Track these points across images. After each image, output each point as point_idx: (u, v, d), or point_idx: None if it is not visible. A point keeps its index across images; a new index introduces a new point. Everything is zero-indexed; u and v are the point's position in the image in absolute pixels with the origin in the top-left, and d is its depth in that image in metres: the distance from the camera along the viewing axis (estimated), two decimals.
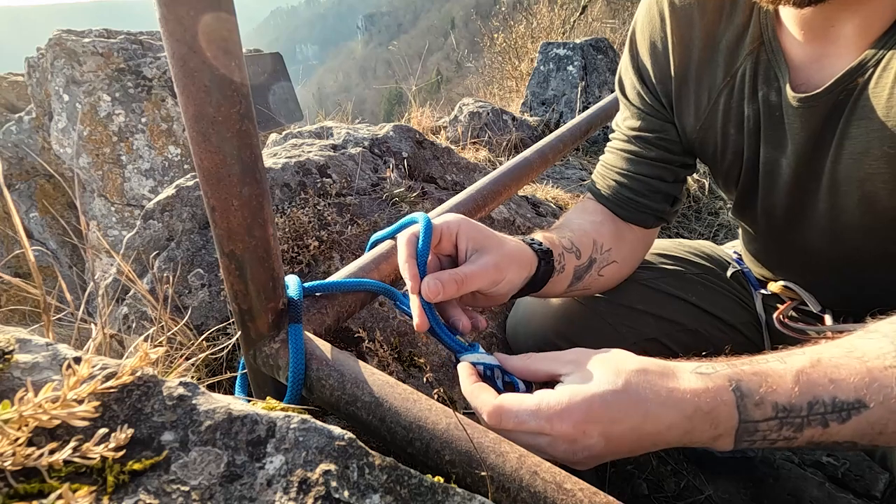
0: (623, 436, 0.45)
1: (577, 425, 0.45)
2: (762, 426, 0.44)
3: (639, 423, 0.45)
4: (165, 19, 0.40)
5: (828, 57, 0.61)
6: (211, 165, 0.47)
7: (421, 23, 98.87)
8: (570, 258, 0.72)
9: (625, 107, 0.83)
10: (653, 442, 0.45)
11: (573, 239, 0.73)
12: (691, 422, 0.44)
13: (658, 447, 0.46)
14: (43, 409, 0.34)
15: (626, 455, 0.47)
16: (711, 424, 0.44)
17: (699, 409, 0.44)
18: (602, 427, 0.45)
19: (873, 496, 1.16)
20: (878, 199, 0.61)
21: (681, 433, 0.45)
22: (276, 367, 0.57)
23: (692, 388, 0.45)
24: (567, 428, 0.45)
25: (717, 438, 0.45)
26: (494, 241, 0.62)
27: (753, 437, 0.45)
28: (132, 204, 2.72)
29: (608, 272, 0.79)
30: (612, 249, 0.78)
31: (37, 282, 0.55)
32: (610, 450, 0.45)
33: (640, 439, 0.45)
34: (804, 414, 0.44)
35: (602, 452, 0.45)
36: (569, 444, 0.45)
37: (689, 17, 0.70)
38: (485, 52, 7.32)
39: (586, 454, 0.45)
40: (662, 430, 0.45)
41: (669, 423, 0.44)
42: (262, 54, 3.54)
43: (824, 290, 0.80)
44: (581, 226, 0.78)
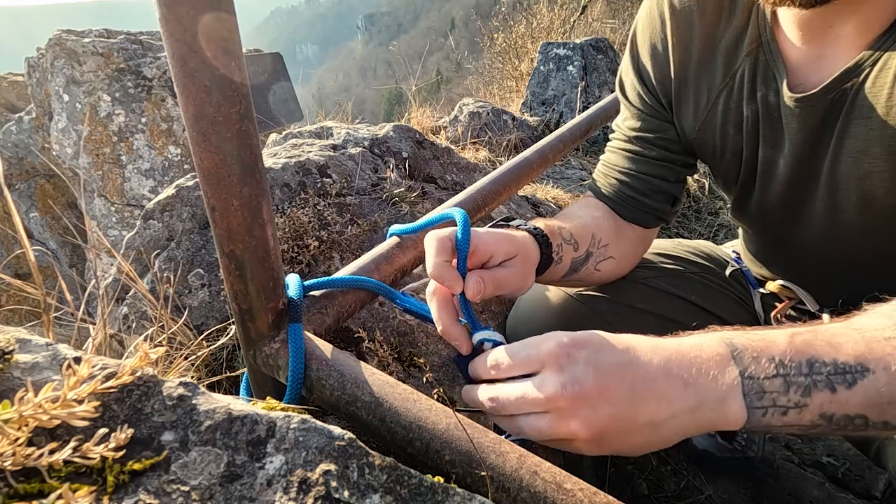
0: (610, 369, 0.43)
1: (562, 345, 0.44)
2: (767, 385, 0.42)
3: (626, 361, 0.43)
4: (165, 19, 0.40)
5: (825, 57, 0.61)
6: (211, 165, 0.47)
7: (421, 23, 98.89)
8: (569, 249, 0.72)
9: (625, 107, 0.84)
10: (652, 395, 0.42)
11: (572, 230, 0.74)
12: (688, 371, 0.43)
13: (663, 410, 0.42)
14: (43, 409, 0.34)
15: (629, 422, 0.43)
16: (712, 377, 0.42)
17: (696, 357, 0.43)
18: (586, 351, 0.44)
19: (873, 496, 1.16)
20: (876, 197, 0.61)
21: (680, 385, 0.42)
22: (276, 367, 0.57)
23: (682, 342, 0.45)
24: (552, 349, 0.44)
25: (724, 398, 0.42)
26: (522, 251, 0.63)
27: (763, 402, 0.42)
28: (132, 204, 2.72)
29: (604, 267, 0.79)
30: (610, 245, 0.79)
31: (37, 282, 0.55)
32: (600, 389, 0.42)
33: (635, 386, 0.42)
34: (805, 372, 0.42)
35: (591, 392, 0.42)
36: (558, 374, 0.43)
37: (688, 19, 0.71)
38: (485, 53, 7.32)
39: (576, 388, 0.42)
40: (658, 376, 0.43)
41: (664, 369, 0.43)
42: (262, 54, 3.55)
43: (822, 289, 0.80)
44: (581, 218, 0.78)
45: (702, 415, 0.43)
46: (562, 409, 0.43)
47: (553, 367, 0.44)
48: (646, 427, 0.43)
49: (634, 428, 0.43)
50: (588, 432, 0.43)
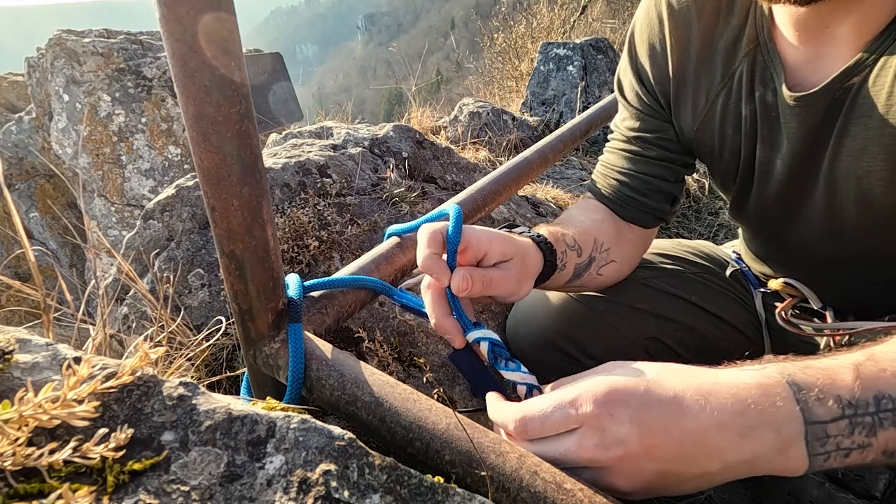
0: (656, 428, 0.39)
1: (602, 405, 0.40)
2: (831, 429, 0.38)
3: (674, 415, 0.39)
4: (165, 19, 0.40)
5: (823, 57, 0.61)
6: (211, 165, 0.47)
7: (421, 23, 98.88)
8: (572, 255, 0.72)
9: (624, 108, 0.84)
10: (703, 451, 0.38)
11: (575, 236, 0.73)
12: (745, 420, 0.38)
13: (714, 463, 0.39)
14: (43, 409, 0.34)
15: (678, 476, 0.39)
16: (772, 426, 0.38)
17: (752, 404, 0.39)
18: (629, 412, 0.39)
19: (873, 496, 1.16)
20: (874, 196, 0.61)
21: (736, 438, 0.38)
22: (276, 367, 0.57)
23: (740, 381, 0.40)
24: (593, 410, 0.40)
25: (784, 451, 0.39)
26: (520, 254, 0.61)
27: (826, 448, 0.39)
28: (132, 204, 2.72)
29: (606, 271, 0.79)
30: (612, 249, 0.78)
31: (37, 282, 0.55)
32: (646, 449, 0.39)
33: (685, 443, 0.39)
34: (872, 411, 0.39)
35: (637, 452, 0.39)
36: (598, 435, 0.40)
37: (686, 20, 0.71)
38: (485, 53, 7.32)
39: (620, 451, 0.39)
40: (710, 430, 0.38)
41: (717, 421, 0.38)
42: (262, 54, 3.55)
43: (824, 287, 0.80)
44: (583, 223, 0.78)
45: (758, 465, 0.40)
46: (604, 467, 0.41)
47: (593, 429, 0.40)
48: (696, 479, 0.41)
49: (683, 481, 0.41)
50: (632, 488, 0.41)
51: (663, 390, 0.41)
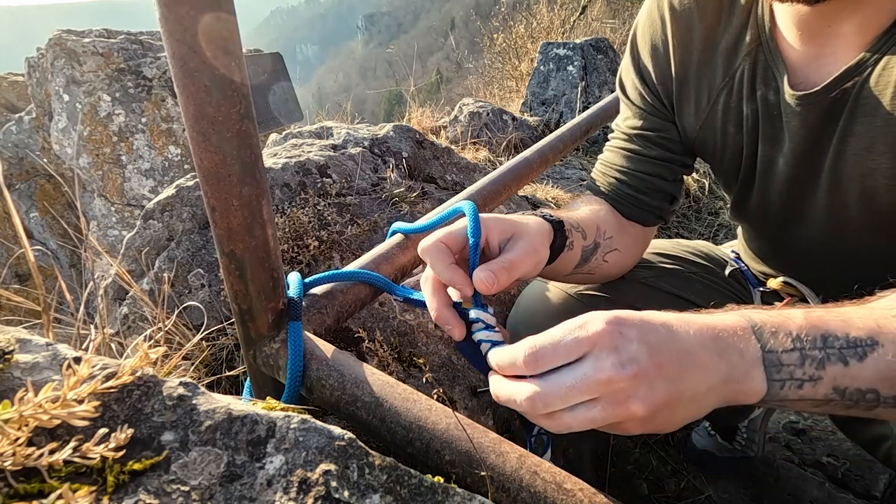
0: (660, 346, 0.42)
1: (611, 324, 0.42)
2: (784, 358, 0.43)
3: (669, 336, 0.43)
4: (165, 19, 0.40)
5: (825, 56, 0.61)
6: (211, 165, 0.47)
7: (421, 23, 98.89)
8: (578, 237, 0.71)
9: (626, 107, 0.84)
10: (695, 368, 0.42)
11: (579, 220, 0.73)
12: (718, 343, 0.43)
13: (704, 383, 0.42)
14: (43, 409, 0.34)
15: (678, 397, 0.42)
16: (737, 351, 0.43)
17: (722, 331, 0.44)
18: (636, 330, 0.42)
19: (873, 496, 1.16)
20: (878, 194, 0.61)
21: (715, 357, 0.42)
22: (276, 367, 0.57)
23: (707, 318, 0.45)
24: (603, 328, 0.41)
25: (748, 371, 0.43)
26: (520, 225, 0.60)
27: (781, 375, 0.43)
28: (132, 204, 2.72)
29: (612, 259, 0.79)
30: (614, 238, 0.78)
31: (37, 282, 0.55)
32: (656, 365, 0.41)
33: (682, 359, 0.42)
34: (820, 345, 0.43)
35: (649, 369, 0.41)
36: (613, 355, 0.41)
37: (688, 20, 0.71)
38: (485, 53, 7.32)
39: (634, 367, 0.40)
40: (697, 349, 0.42)
41: (700, 341, 0.43)
42: (262, 54, 3.54)
43: (823, 286, 0.80)
44: (585, 211, 0.77)
45: (730, 387, 0.43)
46: (619, 390, 0.41)
47: (606, 348, 0.41)
48: (690, 401, 0.43)
49: (681, 402, 0.43)
50: (646, 410, 0.41)
51: (653, 317, 0.44)
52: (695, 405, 0.43)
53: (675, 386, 0.42)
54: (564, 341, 0.43)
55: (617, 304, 0.87)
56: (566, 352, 0.42)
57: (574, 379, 0.42)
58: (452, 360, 0.97)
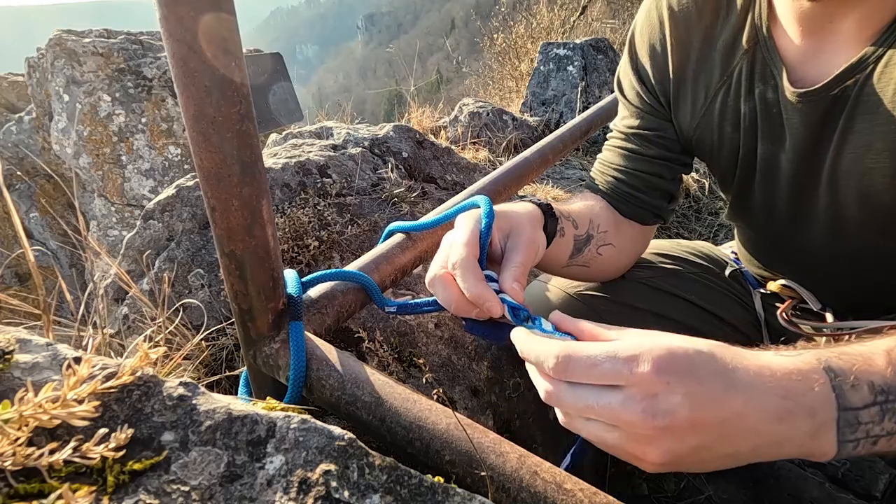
0: (708, 404, 0.38)
1: (661, 371, 0.37)
2: (863, 415, 0.39)
3: (725, 392, 0.38)
4: (166, 19, 0.40)
5: (824, 53, 0.61)
6: (211, 165, 0.47)
7: (421, 23, 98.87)
8: (569, 224, 0.72)
9: (624, 106, 0.84)
10: (742, 430, 0.38)
11: (570, 211, 0.74)
12: (785, 404, 0.38)
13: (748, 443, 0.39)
14: (43, 409, 0.34)
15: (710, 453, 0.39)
16: (808, 411, 0.38)
17: (792, 389, 0.39)
18: (686, 386, 0.37)
19: (873, 496, 1.16)
20: (876, 192, 0.61)
21: (773, 420, 0.38)
22: (276, 367, 0.57)
23: (781, 365, 0.40)
24: (649, 373, 0.37)
25: (815, 436, 0.39)
26: (515, 219, 0.60)
27: (856, 435, 0.39)
28: (132, 204, 2.72)
29: (606, 253, 0.79)
30: (609, 233, 0.79)
31: (37, 282, 0.55)
32: (693, 424, 0.37)
33: (728, 421, 0.38)
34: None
35: (682, 425, 0.37)
36: (648, 401, 0.38)
37: (687, 20, 0.72)
38: (485, 53, 7.32)
39: (666, 421, 0.37)
40: (753, 411, 0.38)
41: (762, 403, 0.38)
42: (262, 54, 3.54)
43: (822, 288, 0.80)
44: (578, 205, 0.78)
45: (788, 449, 0.40)
46: (641, 435, 0.39)
47: (644, 392, 0.38)
48: (725, 458, 0.40)
49: (712, 459, 0.40)
50: (664, 460, 0.39)
51: (718, 363, 0.39)
52: (733, 460, 0.40)
53: (709, 444, 0.39)
54: (602, 368, 0.39)
55: (617, 304, 0.87)
56: (599, 378, 0.39)
57: (597, 403, 0.39)
58: (452, 360, 0.97)
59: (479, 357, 1.01)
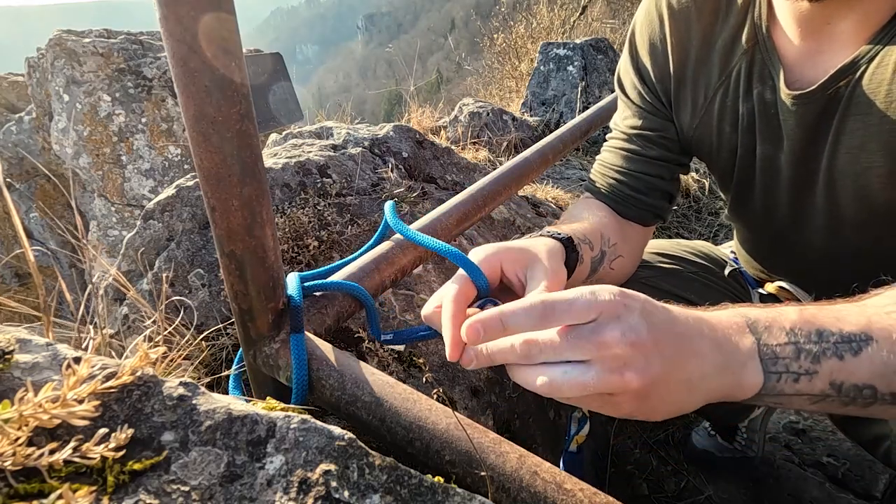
0: (661, 326, 0.43)
1: (620, 295, 0.42)
2: (779, 351, 0.44)
3: (671, 321, 0.44)
4: (165, 19, 0.40)
5: (822, 54, 0.62)
6: (211, 165, 0.47)
7: (421, 23, 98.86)
8: (586, 249, 0.71)
9: (625, 106, 0.84)
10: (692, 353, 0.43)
11: (585, 231, 0.72)
12: (716, 335, 0.44)
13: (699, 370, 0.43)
14: (43, 409, 0.34)
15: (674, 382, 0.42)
16: (734, 345, 0.44)
17: (719, 323, 0.45)
18: (641, 305, 0.43)
19: (873, 496, 1.16)
20: (871, 192, 0.62)
21: (713, 346, 0.43)
22: (276, 367, 0.57)
23: (703, 312, 0.46)
24: (612, 297, 0.42)
25: (745, 364, 0.44)
26: (532, 253, 0.59)
27: (777, 367, 0.44)
28: (132, 204, 2.72)
29: (617, 265, 0.79)
30: (618, 244, 0.78)
31: (36, 282, 0.55)
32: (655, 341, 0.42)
33: (680, 344, 0.43)
34: (815, 340, 0.44)
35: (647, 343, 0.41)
36: (615, 321, 0.41)
37: (686, 19, 0.72)
38: (485, 53, 7.32)
39: (632, 336, 0.41)
40: (695, 336, 0.43)
41: (699, 330, 0.44)
42: (262, 54, 3.54)
43: (821, 286, 0.80)
44: (588, 219, 0.77)
45: (726, 378, 0.44)
46: (616, 357, 0.41)
47: (610, 315, 0.42)
48: (683, 385, 0.43)
49: (675, 385, 0.43)
50: (641, 382, 0.41)
51: (655, 302, 0.45)
52: (688, 390, 0.44)
53: (671, 365, 0.43)
54: (578, 303, 0.43)
55: None
56: (578, 313, 0.42)
57: (575, 336, 0.42)
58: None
59: None
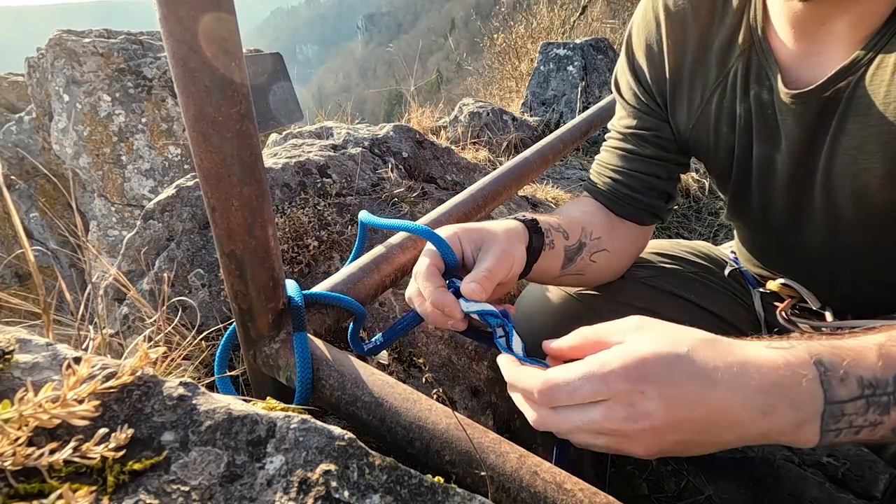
0: (683, 404, 0.40)
1: (634, 382, 0.40)
2: (848, 408, 0.40)
3: (702, 391, 0.40)
4: (166, 19, 0.40)
5: (818, 55, 0.62)
6: (211, 165, 0.47)
7: (421, 23, 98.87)
8: (558, 236, 0.72)
9: (621, 106, 0.84)
10: (725, 424, 0.40)
11: (560, 221, 0.74)
12: (769, 399, 0.39)
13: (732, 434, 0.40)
14: (43, 409, 0.34)
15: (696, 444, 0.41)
16: (793, 406, 0.39)
17: (778, 384, 0.40)
18: (659, 389, 0.40)
19: (873, 496, 1.16)
20: (869, 193, 0.62)
21: (757, 414, 0.39)
22: (276, 367, 0.57)
23: (769, 359, 0.41)
24: (625, 386, 0.40)
25: (799, 427, 0.40)
26: (488, 232, 0.62)
27: (839, 425, 0.40)
28: (132, 204, 2.72)
29: (600, 259, 0.79)
30: (603, 238, 0.79)
31: (37, 282, 0.55)
32: (672, 423, 0.40)
33: (709, 417, 0.40)
34: (890, 391, 0.40)
35: (663, 425, 0.40)
36: (627, 409, 0.40)
37: (682, 20, 0.72)
38: (485, 53, 7.32)
39: (647, 423, 0.40)
40: (735, 406, 0.39)
41: (742, 398, 0.39)
42: (262, 54, 3.54)
43: (821, 287, 0.80)
44: (569, 213, 0.79)
45: (772, 438, 0.41)
46: (624, 437, 0.41)
47: (622, 403, 0.41)
48: (710, 446, 0.42)
49: (697, 448, 0.42)
50: (649, 454, 0.42)
51: (695, 365, 0.41)
52: (716, 447, 0.42)
53: (692, 438, 0.41)
54: (582, 391, 0.42)
55: (617, 303, 0.87)
56: (581, 399, 0.42)
57: (582, 421, 0.43)
58: (452, 360, 0.97)
59: (479, 357, 1.01)
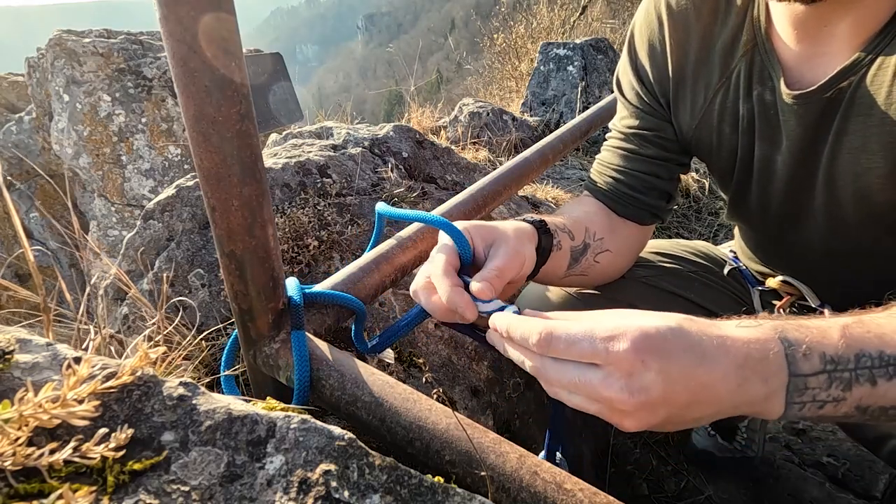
0: (679, 379, 0.41)
1: (636, 351, 0.40)
2: (811, 381, 0.42)
3: (694, 365, 0.41)
4: (166, 19, 0.40)
5: (820, 56, 0.62)
6: (211, 165, 0.47)
7: (421, 23, 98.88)
8: (565, 237, 0.72)
9: (623, 106, 0.84)
10: (707, 398, 0.42)
11: (565, 222, 0.74)
12: (743, 372, 0.42)
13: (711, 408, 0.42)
14: (43, 409, 0.34)
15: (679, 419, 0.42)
16: (762, 378, 0.42)
17: (750, 356, 0.42)
18: (660, 362, 0.41)
19: (873, 496, 1.16)
20: (871, 193, 0.62)
21: (734, 387, 0.41)
22: (276, 367, 0.57)
23: (741, 336, 0.43)
24: (626, 353, 0.40)
25: (767, 399, 0.42)
26: (499, 231, 0.62)
27: (803, 398, 0.42)
28: (132, 204, 2.72)
29: (604, 259, 0.79)
30: (605, 239, 0.79)
31: (37, 282, 0.55)
32: (666, 398, 0.41)
33: (696, 392, 0.41)
34: (851, 367, 0.42)
35: (656, 400, 0.41)
36: (625, 379, 0.40)
37: (685, 20, 0.72)
38: (485, 53, 7.32)
39: (642, 397, 0.40)
40: (717, 381, 0.41)
41: (723, 372, 0.41)
42: (262, 54, 3.54)
43: (821, 285, 0.80)
44: (572, 213, 0.78)
45: (743, 410, 0.43)
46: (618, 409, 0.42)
47: (621, 370, 0.41)
48: (692, 421, 0.44)
49: (680, 423, 0.43)
50: (638, 427, 0.42)
51: (690, 339, 0.42)
52: (695, 422, 0.44)
53: (679, 412, 0.42)
54: (580, 346, 0.42)
55: (617, 303, 0.87)
56: (579, 354, 0.42)
57: (579, 380, 0.42)
58: (452, 360, 0.97)
59: (479, 357, 1.01)
